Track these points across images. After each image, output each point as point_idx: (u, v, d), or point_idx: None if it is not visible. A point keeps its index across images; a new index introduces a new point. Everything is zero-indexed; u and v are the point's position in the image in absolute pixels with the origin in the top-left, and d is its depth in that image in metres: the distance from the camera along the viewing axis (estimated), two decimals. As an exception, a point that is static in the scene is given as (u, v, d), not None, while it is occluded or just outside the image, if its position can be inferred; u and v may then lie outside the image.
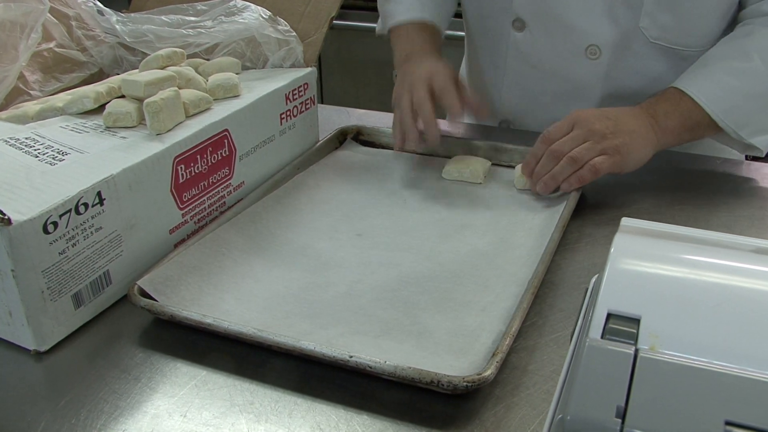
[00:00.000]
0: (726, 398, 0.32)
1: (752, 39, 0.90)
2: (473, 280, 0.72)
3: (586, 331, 0.36)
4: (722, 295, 0.37)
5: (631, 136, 0.86)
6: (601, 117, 0.86)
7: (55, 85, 0.94)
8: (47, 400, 0.59)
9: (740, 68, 0.89)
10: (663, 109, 0.89)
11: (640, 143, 0.86)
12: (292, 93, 0.92)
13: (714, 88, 0.89)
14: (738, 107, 0.89)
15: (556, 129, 0.87)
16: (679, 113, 0.89)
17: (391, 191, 0.90)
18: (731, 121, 0.89)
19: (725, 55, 0.91)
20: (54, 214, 0.62)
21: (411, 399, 0.58)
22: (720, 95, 0.88)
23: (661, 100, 0.90)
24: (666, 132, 0.89)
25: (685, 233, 0.42)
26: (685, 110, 0.89)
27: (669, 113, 0.89)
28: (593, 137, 0.85)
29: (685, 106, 0.89)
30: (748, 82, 0.88)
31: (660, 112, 0.89)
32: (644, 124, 0.87)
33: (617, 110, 0.88)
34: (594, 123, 0.85)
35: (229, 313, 0.67)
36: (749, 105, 0.89)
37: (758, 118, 0.90)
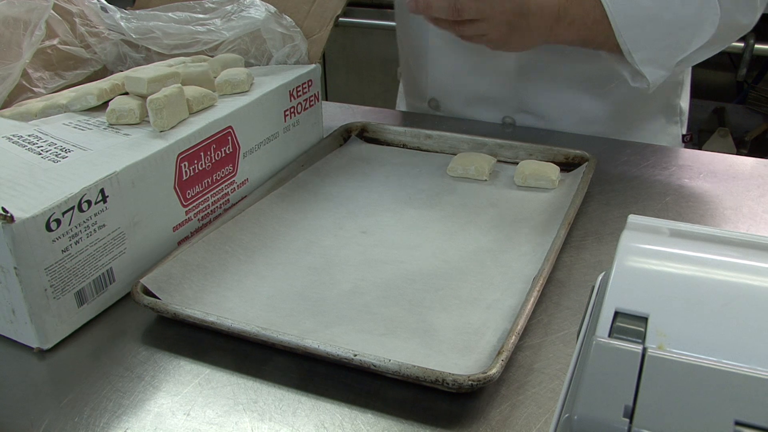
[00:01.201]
0: (736, 398, 0.31)
1: None
2: (478, 277, 0.72)
3: (593, 330, 0.36)
4: (731, 293, 0.37)
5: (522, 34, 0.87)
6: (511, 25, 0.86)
7: (59, 82, 0.94)
8: (50, 398, 0.59)
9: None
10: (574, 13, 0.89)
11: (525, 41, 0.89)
12: (296, 90, 0.92)
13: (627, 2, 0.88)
14: (640, 26, 0.88)
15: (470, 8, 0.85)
16: (583, 22, 0.89)
17: (396, 188, 0.90)
18: (629, 39, 0.89)
19: None
20: (57, 211, 0.61)
21: (416, 397, 0.58)
22: (629, 8, 0.88)
23: (577, 3, 0.89)
24: (561, 35, 0.90)
25: (694, 230, 0.42)
26: (593, 16, 0.89)
27: (575, 20, 0.89)
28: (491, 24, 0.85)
29: (594, 12, 0.89)
30: (658, 5, 0.88)
31: (568, 17, 0.89)
32: (546, 30, 0.88)
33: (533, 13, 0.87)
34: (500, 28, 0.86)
35: (232, 311, 0.67)
36: (651, 28, 0.89)
37: (654, 46, 0.90)
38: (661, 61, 0.91)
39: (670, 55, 0.91)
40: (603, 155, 0.97)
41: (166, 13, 0.97)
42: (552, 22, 0.88)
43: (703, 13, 0.89)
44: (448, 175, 0.93)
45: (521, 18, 0.86)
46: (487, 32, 0.86)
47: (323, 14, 1.00)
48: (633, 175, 0.93)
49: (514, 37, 0.88)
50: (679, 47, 0.91)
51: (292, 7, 1.00)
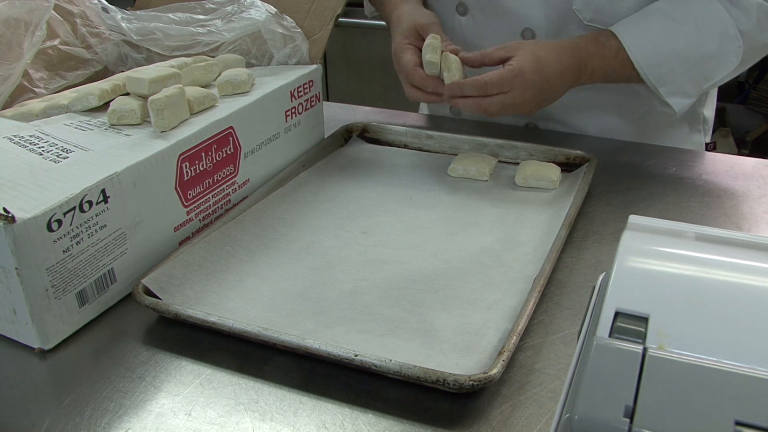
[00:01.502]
0: (736, 398, 0.31)
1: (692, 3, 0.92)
2: (479, 278, 0.72)
3: (594, 330, 0.36)
4: (732, 293, 0.37)
5: (547, 102, 0.92)
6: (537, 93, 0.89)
7: (60, 82, 0.94)
8: (52, 399, 0.59)
9: (674, 28, 0.91)
10: (594, 66, 0.92)
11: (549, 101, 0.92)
12: (297, 90, 0.92)
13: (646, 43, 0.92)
14: (663, 64, 0.92)
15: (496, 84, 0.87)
16: (605, 71, 0.93)
17: (397, 189, 0.90)
18: (654, 76, 0.92)
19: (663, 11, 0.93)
20: (58, 211, 0.62)
21: (417, 398, 0.58)
22: (650, 50, 0.91)
23: (597, 55, 0.92)
24: (584, 86, 0.95)
25: (694, 231, 0.42)
26: (613, 62, 0.92)
27: (596, 70, 0.93)
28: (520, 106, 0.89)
29: (614, 54, 0.92)
30: (679, 42, 0.91)
31: (588, 68, 0.92)
32: (569, 86, 0.93)
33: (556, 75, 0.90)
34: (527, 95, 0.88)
35: (233, 312, 0.67)
36: (673, 64, 0.92)
37: (679, 80, 0.93)
38: (687, 91, 0.94)
39: (695, 86, 0.94)
40: (604, 156, 0.97)
41: (166, 14, 0.97)
42: (573, 81, 0.92)
43: (725, 46, 0.91)
44: (449, 175, 0.93)
45: (544, 83, 0.89)
46: (513, 103, 0.88)
47: (323, 13, 1.00)
48: (634, 175, 0.93)
49: (539, 101, 0.90)
50: (705, 78, 0.94)
51: (292, 7, 1.00)
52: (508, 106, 0.88)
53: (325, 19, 1.00)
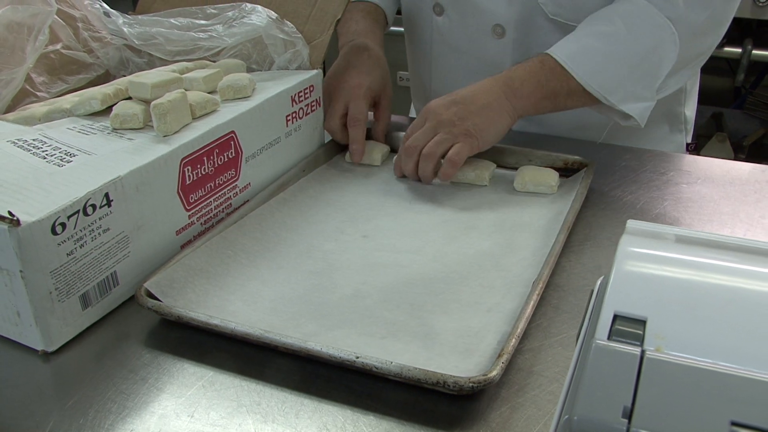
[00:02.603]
0: (731, 399, 0.32)
1: (617, 5, 0.93)
2: (479, 281, 0.72)
3: (593, 333, 0.37)
4: (728, 297, 0.37)
5: (481, 113, 0.88)
6: (449, 104, 0.89)
7: (62, 86, 0.94)
8: (55, 400, 0.60)
9: (604, 32, 0.91)
10: (519, 75, 0.91)
11: (493, 116, 0.89)
12: (298, 95, 0.92)
13: (577, 51, 0.90)
14: (603, 70, 0.90)
15: (413, 126, 0.91)
16: (536, 79, 0.90)
17: (397, 193, 0.91)
18: (597, 84, 0.90)
19: (592, 20, 0.94)
20: (62, 215, 0.62)
21: (417, 400, 0.58)
22: (583, 58, 0.90)
23: (519, 68, 0.92)
24: (522, 98, 0.90)
25: (691, 235, 0.43)
26: (546, 75, 0.90)
27: (525, 80, 0.90)
28: (443, 128, 0.88)
29: (546, 70, 0.91)
30: (610, 45, 0.90)
31: (515, 79, 0.91)
32: (496, 95, 0.90)
33: (468, 89, 0.91)
34: (441, 113, 0.89)
35: (235, 315, 0.67)
36: (614, 68, 0.90)
37: (627, 84, 0.91)
38: (638, 94, 0.92)
39: (645, 87, 0.93)
40: (602, 161, 0.97)
41: (168, 20, 0.97)
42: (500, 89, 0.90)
43: (658, 35, 0.91)
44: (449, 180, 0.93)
45: (456, 97, 0.90)
46: (435, 126, 0.89)
47: (323, 18, 1.01)
48: (631, 180, 0.94)
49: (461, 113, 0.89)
50: (651, 76, 0.93)
51: (293, 12, 1.01)
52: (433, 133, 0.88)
53: (325, 24, 1.01)
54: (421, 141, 0.89)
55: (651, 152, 1.03)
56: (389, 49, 1.22)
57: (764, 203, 0.87)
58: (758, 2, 2.02)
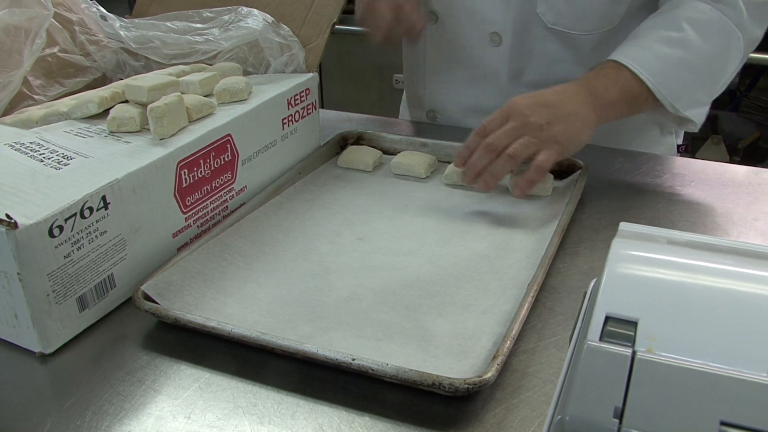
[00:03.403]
0: (721, 399, 0.32)
1: (682, 10, 0.92)
2: (474, 283, 0.73)
3: (585, 334, 0.37)
4: (718, 298, 0.38)
5: (568, 121, 0.85)
6: (536, 106, 0.85)
7: (59, 89, 0.95)
8: (52, 402, 0.60)
9: (673, 38, 0.90)
10: (602, 83, 0.89)
11: (579, 126, 0.86)
12: (294, 98, 0.93)
13: (650, 58, 0.89)
14: (674, 78, 0.89)
15: (491, 121, 0.86)
16: (618, 87, 0.89)
17: (392, 196, 0.91)
18: (668, 93, 0.89)
19: (657, 26, 0.92)
20: (60, 218, 0.62)
21: (412, 401, 0.59)
22: (656, 65, 0.89)
23: (600, 75, 0.90)
24: (606, 107, 0.88)
25: (683, 238, 0.43)
26: (624, 83, 0.89)
27: (609, 87, 0.89)
28: (530, 131, 0.83)
29: (623, 78, 0.89)
30: (682, 52, 0.89)
31: (599, 87, 0.88)
32: (583, 103, 0.87)
33: (554, 92, 0.87)
34: (529, 115, 0.84)
35: (232, 317, 0.68)
36: (683, 75, 0.90)
37: (692, 90, 0.91)
38: (701, 100, 0.93)
39: (708, 92, 0.93)
40: (596, 163, 0.98)
41: (164, 23, 0.98)
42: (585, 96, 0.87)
43: (726, 42, 0.91)
44: (444, 182, 0.94)
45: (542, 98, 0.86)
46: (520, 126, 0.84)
47: (319, 21, 1.01)
48: (626, 182, 0.95)
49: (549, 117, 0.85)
50: (715, 81, 0.93)
51: (289, 15, 1.01)
52: (516, 134, 0.84)
53: (321, 27, 1.01)
54: (505, 141, 0.84)
55: (645, 155, 1.04)
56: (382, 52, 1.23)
57: (757, 206, 0.88)
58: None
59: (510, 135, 0.84)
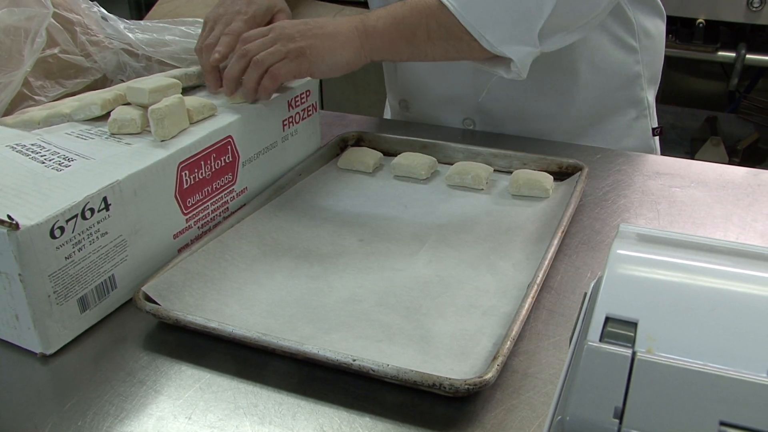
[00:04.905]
0: (721, 399, 0.33)
1: None
2: (474, 284, 0.73)
3: (585, 335, 0.37)
4: (718, 299, 0.38)
5: (323, 38, 0.83)
6: (299, 24, 0.84)
7: (59, 90, 0.95)
8: (53, 403, 0.60)
9: None
10: (378, 12, 0.86)
11: (333, 46, 0.83)
12: (294, 100, 0.93)
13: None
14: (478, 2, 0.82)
15: (256, 31, 0.85)
16: (392, 15, 0.84)
17: (392, 197, 0.91)
18: (473, 18, 0.81)
19: None
20: (61, 219, 0.63)
21: (413, 401, 0.59)
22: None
23: (384, 6, 0.86)
24: (376, 36, 0.84)
25: (682, 239, 0.43)
26: (407, 11, 0.84)
27: (381, 16, 0.85)
28: (281, 40, 0.83)
29: (408, 6, 0.84)
30: None
31: (371, 16, 0.85)
32: (348, 28, 0.84)
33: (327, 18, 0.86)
34: (286, 27, 0.84)
35: (232, 318, 0.68)
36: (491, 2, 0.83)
37: (506, 23, 0.83)
38: (518, 36, 0.84)
39: (526, 29, 0.84)
40: (596, 164, 0.98)
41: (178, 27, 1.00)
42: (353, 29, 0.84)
43: None
44: (444, 183, 0.94)
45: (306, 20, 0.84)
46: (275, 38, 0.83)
47: None
48: (625, 183, 0.95)
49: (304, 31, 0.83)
50: (530, 15, 0.84)
51: None
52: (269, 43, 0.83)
53: None
54: (256, 48, 0.83)
55: (645, 156, 1.04)
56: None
57: (757, 207, 0.88)
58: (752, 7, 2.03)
59: (264, 44, 0.83)
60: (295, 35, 0.83)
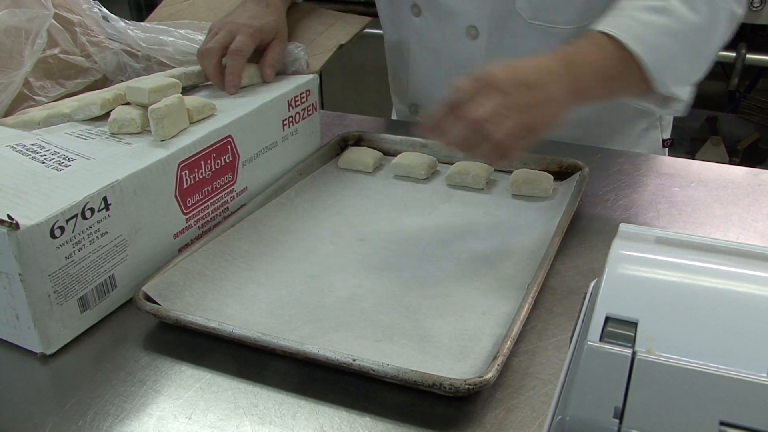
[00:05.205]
0: (720, 399, 0.33)
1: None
2: (474, 284, 0.73)
3: (585, 334, 0.37)
4: (717, 299, 0.38)
5: (548, 107, 0.77)
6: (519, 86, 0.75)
7: (59, 90, 0.95)
8: (53, 403, 0.60)
9: (657, 6, 0.83)
10: (582, 59, 0.81)
11: (555, 112, 0.78)
12: (294, 99, 0.93)
13: (634, 25, 0.82)
14: (660, 45, 0.82)
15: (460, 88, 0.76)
16: (598, 64, 0.81)
17: (393, 196, 0.91)
18: (657, 62, 0.81)
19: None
20: (61, 218, 0.63)
21: (413, 401, 0.59)
22: (641, 31, 0.81)
23: (580, 50, 0.82)
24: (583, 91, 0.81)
25: (682, 239, 0.43)
26: (605, 58, 0.81)
27: (587, 66, 0.81)
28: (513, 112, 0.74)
29: (608, 54, 0.81)
30: (667, 19, 0.83)
31: (578, 61, 0.80)
32: (562, 85, 0.78)
33: (533, 67, 0.78)
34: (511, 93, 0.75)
35: (232, 318, 0.68)
36: (669, 44, 0.83)
37: (679, 62, 0.84)
38: (688, 77, 0.87)
39: (695, 68, 0.87)
40: (596, 164, 0.98)
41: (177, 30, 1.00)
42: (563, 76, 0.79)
43: (714, 13, 0.86)
44: (444, 183, 0.94)
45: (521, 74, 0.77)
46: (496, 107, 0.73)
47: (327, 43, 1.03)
48: (625, 183, 0.95)
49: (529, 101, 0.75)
50: (702, 55, 0.87)
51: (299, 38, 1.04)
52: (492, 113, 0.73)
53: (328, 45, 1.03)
54: (480, 113, 0.73)
55: (645, 156, 1.04)
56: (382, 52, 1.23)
57: (757, 207, 0.88)
58: (752, 6, 2.03)
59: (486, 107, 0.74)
60: (522, 106, 0.75)
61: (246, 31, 0.94)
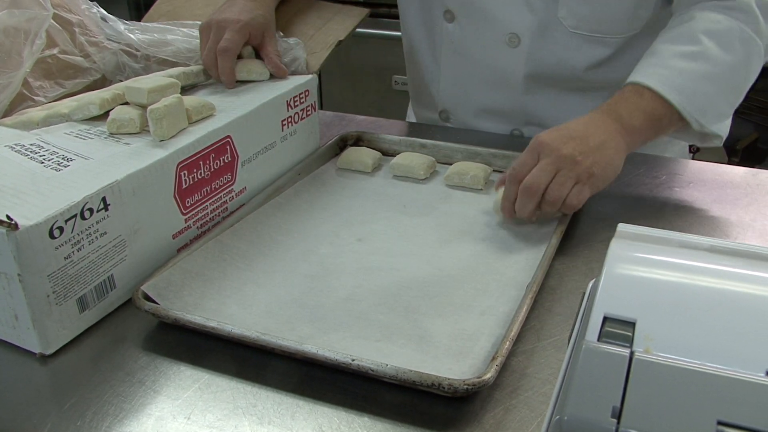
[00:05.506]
0: (718, 399, 0.33)
1: (696, 23, 0.89)
2: (473, 284, 0.73)
3: (583, 334, 0.37)
4: (716, 299, 0.38)
5: (600, 151, 0.81)
6: (566, 139, 0.81)
7: (58, 91, 0.95)
8: (52, 403, 0.60)
9: (692, 52, 0.87)
10: (626, 109, 0.86)
11: (610, 155, 0.82)
12: (293, 100, 0.93)
13: (672, 76, 0.86)
14: (698, 92, 0.86)
15: (523, 164, 0.82)
16: (642, 110, 0.86)
17: (391, 197, 0.91)
18: (693, 109, 0.86)
19: (673, 41, 0.89)
20: (60, 219, 0.63)
21: (412, 401, 0.59)
22: (678, 82, 0.86)
23: (622, 100, 0.87)
24: (633, 133, 0.85)
25: (680, 239, 0.43)
26: (647, 105, 0.86)
27: (633, 113, 0.85)
28: (564, 165, 0.79)
29: (646, 100, 0.86)
30: (703, 65, 0.86)
31: (624, 114, 0.85)
32: (611, 132, 0.84)
33: (579, 124, 0.84)
34: (560, 148, 0.80)
35: (231, 318, 0.68)
36: (707, 88, 0.87)
37: (716, 103, 0.88)
38: (725, 113, 0.90)
39: (731, 103, 0.90)
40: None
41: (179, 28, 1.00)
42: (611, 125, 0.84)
43: (748, 52, 0.89)
44: (443, 183, 0.94)
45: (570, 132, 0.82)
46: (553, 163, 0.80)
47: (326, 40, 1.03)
48: (624, 183, 0.95)
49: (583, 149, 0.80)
50: (738, 91, 0.90)
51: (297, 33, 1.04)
52: (551, 169, 0.79)
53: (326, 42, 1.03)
54: (543, 180, 0.79)
55: (644, 156, 1.04)
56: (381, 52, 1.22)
57: (755, 207, 0.88)
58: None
59: (546, 173, 0.80)
60: (575, 156, 0.80)
61: (233, 27, 0.95)
